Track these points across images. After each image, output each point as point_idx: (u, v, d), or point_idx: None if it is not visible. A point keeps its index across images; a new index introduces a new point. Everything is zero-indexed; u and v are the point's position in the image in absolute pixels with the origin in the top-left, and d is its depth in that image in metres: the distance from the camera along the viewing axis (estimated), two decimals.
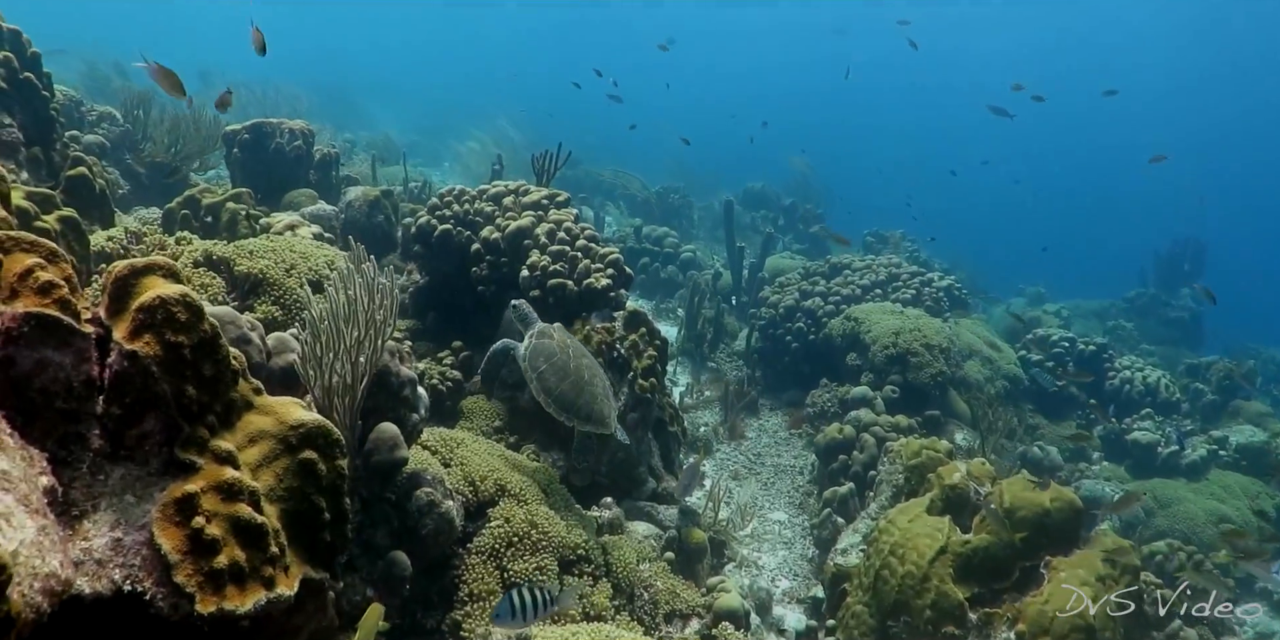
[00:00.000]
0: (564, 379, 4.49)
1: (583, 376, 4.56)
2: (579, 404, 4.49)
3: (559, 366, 4.52)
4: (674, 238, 12.30)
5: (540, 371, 4.51)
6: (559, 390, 4.48)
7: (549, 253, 5.48)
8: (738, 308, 10.69)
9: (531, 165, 7.02)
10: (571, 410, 4.49)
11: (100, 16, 36.96)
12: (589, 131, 27.62)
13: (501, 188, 6.10)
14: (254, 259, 4.14)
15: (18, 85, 4.84)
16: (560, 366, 4.52)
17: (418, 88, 35.22)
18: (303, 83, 23.67)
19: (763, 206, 17.46)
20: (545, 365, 4.52)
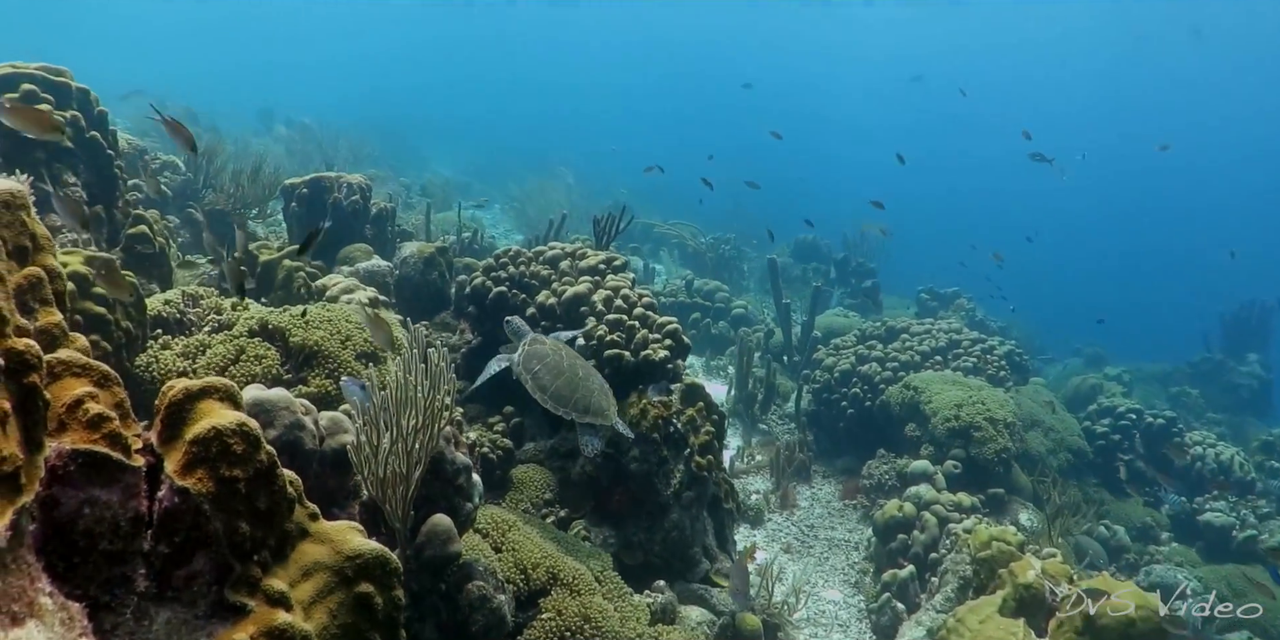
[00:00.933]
0: (558, 377, 4.65)
1: (577, 374, 4.72)
2: (575, 398, 4.64)
3: (552, 366, 4.69)
4: (725, 292, 12.14)
5: (534, 372, 4.67)
6: (554, 387, 4.64)
7: (606, 321, 5.34)
8: (789, 367, 10.46)
9: (593, 227, 6.94)
10: (568, 404, 4.62)
11: (171, 59, 38.13)
12: (643, 173, 27.81)
13: (559, 250, 6.01)
14: (309, 330, 4.05)
15: (83, 144, 4.85)
16: (553, 366, 4.68)
17: (471, 127, 35.74)
18: (360, 122, 24.15)
19: (814, 258, 17.26)
20: (539, 366, 4.69)
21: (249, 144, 16.96)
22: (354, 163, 14.84)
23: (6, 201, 1.99)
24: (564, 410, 4.64)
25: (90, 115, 4.96)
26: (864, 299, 14.95)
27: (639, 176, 27.35)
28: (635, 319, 5.41)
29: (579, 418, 4.66)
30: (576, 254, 5.96)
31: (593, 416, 4.65)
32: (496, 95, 50.87)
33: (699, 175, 14.74)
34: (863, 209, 19.26)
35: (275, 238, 8.80)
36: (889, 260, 17.20)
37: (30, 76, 4.68)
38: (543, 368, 4.68)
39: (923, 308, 14.69)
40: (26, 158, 4.58)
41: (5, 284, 1.76)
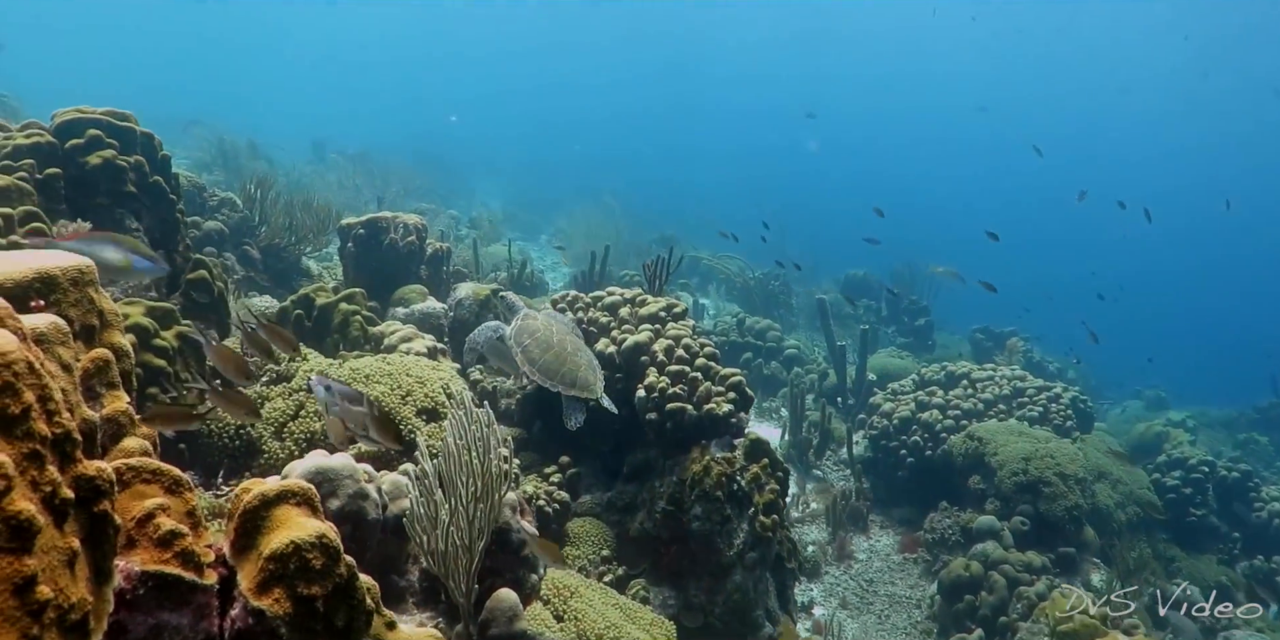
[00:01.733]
0: (547, 351, 4.89)
1: (566, 349, 4.95)
2: (562, 372, 4.86)
3: (542, 341, 4.92)
4: (777, 331, 11.92)
5: (525, 346, 4.89)
6: (543, 360, 4.86)
7: (668, 373, 5.18)
8: (843, 410, 10.20)
9: (642, 271, 6.82)
10: (555, 377, 4.84)
11: (227, 88, 38.96)
12: (693, 203, 27.77)
13: (618, 297, 5.87)
14: (370, 385, 3.94)
15: (146, 189, 4.82)
16: (544, 341, 4.92)
17: (517, 156, 35.97)
18: (406, 150, 24.39)
19: (865, 295, 16.99)
20: (529, 340, 4.92)
21: (302, 175, 17.19)
22: (404, 196, 14.94)
23: (75, 278, 1.89)
24: (551, 383, 4.83)
25: (154, 160, 4.93)
26: (916, 338, 14.67)
27: (684, 205, 27.38)
28: (697, 370, 5.24)
29: (565, 390, 4.85)
30: (636, 300, 5.82)
31: (578, 390, 4.84)
32: (543, 123, 51.33)
33: (742, 204, 14.64)
34: (912, 243, 19.08)
35: (329, 274, 8.79)
36: (938, 297, 16.89)
37: (96, 121, 4.66)
38: (533, 342, 4.89)
39: (977, 348, 14.35)
40: (90, 203, 4.56)
41: (71, 375, 1.64)
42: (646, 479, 5.38)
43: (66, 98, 14.69)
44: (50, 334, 1.62)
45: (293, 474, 2.93)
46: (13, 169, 4.18)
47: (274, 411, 3.81)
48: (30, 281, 1.79)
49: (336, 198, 14.08)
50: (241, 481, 3.90)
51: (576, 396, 4.90)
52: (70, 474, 1.16)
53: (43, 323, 1.62)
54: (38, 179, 4.27)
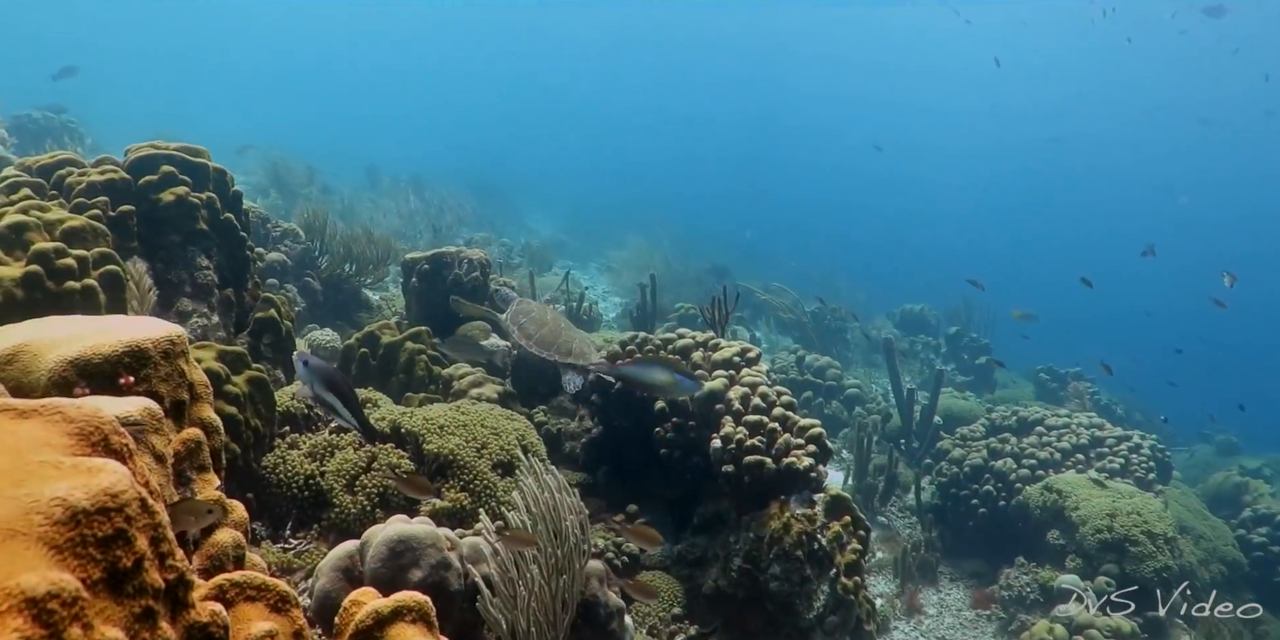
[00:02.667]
0: (542, 327, 5.37)
1: (559, 325, 5.46)
2: (557, 343, 5.31)
3: (536, 319, 5.43)
4: (837, 368, 11.62)
5: (521, 323, 5.38)
6: (538, 334, 5.34)
7: (745, 423, 4.95)
8: (907, 453, 9.85)
9: (701, 314, 6.65)
10: (551, 348, 5.31)
11: (275, 110, 39.68)
12: (742, 230, 27.58)
13: (689, 340, 5.67)
14: (444, 437, 3.76)
15: (217, 226, 4.73)
16: (538, 319, 5.44)
17: (566, 184, 36.08)
18: (458, 176, 24.48)
19: (921, 331, 16.61)
20: (524, 319, 5.43)
21: (356, 202, 17.29)
22: (458, 224, 14.93)
23: (166, 351, 1.73)
24: (547, 353, 5.31)
25: (226, 196, 4.85)
26: (977, 377, 14.27)
27: (735, 233, 27.18)
28: (775, 420, 5.00)
29: (560, 359, 5.33)
30: (709, 344, 5.61)
31: (574, 358, 5.31)
32: (594, 151, 51.63)
33: (797, 232, 14.38)
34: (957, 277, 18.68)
35: (387, 305, 8.71)
36: (997, 334, 16.43)
37: (169, 157, 4.59)
38: (528, 320, 5.39)
39: (1041, 388, 13.89)
40: (162, 240, 4.48)
41: (165, 466, 1.47)
42: (718, 532, 5.15)
43: (124, 124, 15.00)
44: (144, 421, 1.45)
45: (374, 540, 2.76)
46: (85, 207, 4.10)
47: (345, 463, 3.65)
48: (120, 356, 1.63)
49: (393, 225, 14.10)
50: (310, 533, 3.74)
51: (572, 364, 5.33)
52: (183, 622, 0.98)
53: (135, 408, 1.46)
54: (111, 216, 4.19)
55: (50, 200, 4.25)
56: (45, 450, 0.90)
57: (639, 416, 5.56)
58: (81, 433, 0.96)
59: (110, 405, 1.44)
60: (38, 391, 1.56)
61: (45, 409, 0.97)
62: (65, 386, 1.56)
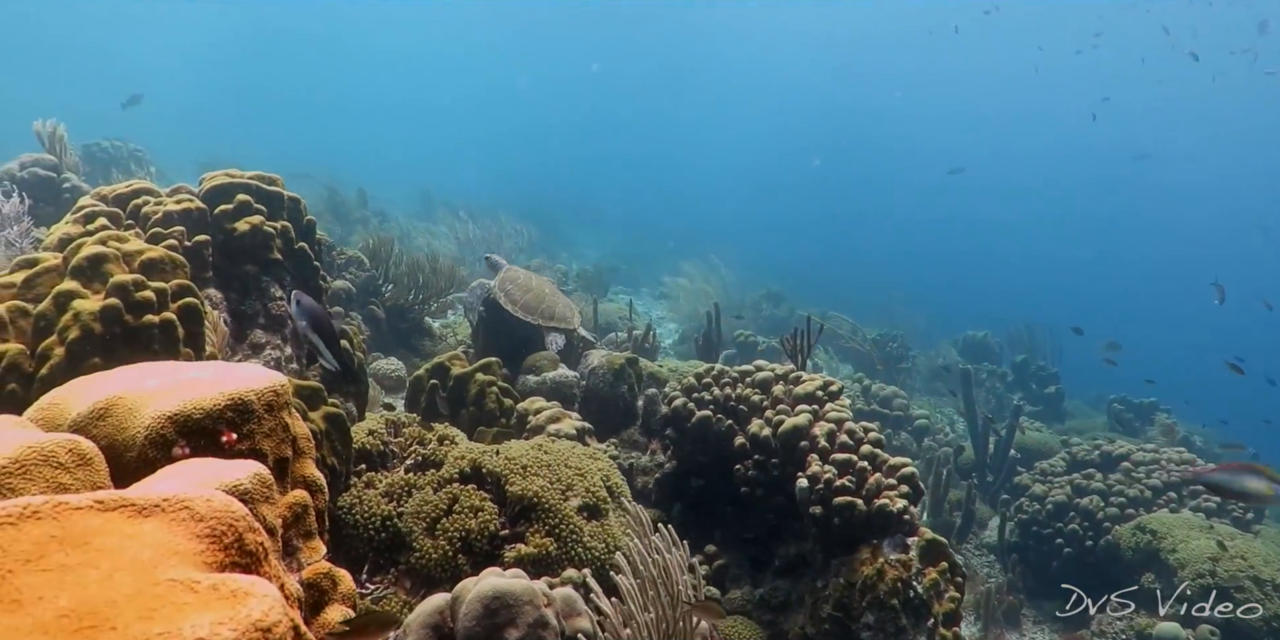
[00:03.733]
0: (527, 293, 5.66)
1: (544, 292, 5.74)
2: (542, 308, 5.65)
3: (522, 285, 5.69)
4: (903, 398, 11.28)
5: (508, 290, 5.65)
6: (524, 300, 5.63)
7: (832, 462, 4.70)
8: (981, 487, 9.47)
9: (782, 346, 6.44)
10: (536, 313, 5.64)
11: (332, 139, 40.39)
12: (802, 259, 27.27)
13: (769, 373, 5.44)
14: (528, 478, 3.57)
15: (291, 255, 4.63)
16: (524, 285, 5.71)
17: (614, 208, 36.06)
18: (509, 201, 24.51)
19: (984, 358, 16.16)
20: (511, 286, 5.68)
21: (413, 228, 17.34)
22: (516, 251, 14.85)
23: (270, 403, 1.56)
24: (532, 318, 5.62)
25: (299, 225, 4.76)
26: (1046, 406, 13.81)
27: (788, 259, 26.89)
28: (864, 458, 4.75)
29: (545, 323, 5.68)
30: (790, 377, 5.38)
31: (557, 321, 5.67)
32: (636, 173, 51.70)
33: (852, 258, 14.03)
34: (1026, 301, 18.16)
35: (451, 335, 8.60)
36: (1064, 362, 15.90)
37: (245, 186, 4.51)
38: (514, 287, 5.65)
39: (1116, 419, 13.35)
40: (236, 270, 4.38)
41: (276, 540, 1.29)
42: (801, 575, 4.90)
43: (186, 151, 15.13)
44: (255, 490, 1.28)
45: (467, 595, 2.57)
46: (162, 237, 4.01)
47: (424, 504, 3.47)
48: (222, 410, 1.46)
49: (450, 251, 14.06)
50: (387, 577, 3.56)
51: (556, 327, 5.69)
52: None
53: (246, 476, 1.28)
54: (186, 246, 4.10)
55: (126, 230, 4.18)
56: (173, 561, 0.72)
57: (717, 452, 5.34)
58: (213, 533, 0.79)
59: (219, 472, 1.27)
60: (133, 451, 1.40)
61: (169, 505, 0.80)
62: (163, 445, 1.39)
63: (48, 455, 1.20)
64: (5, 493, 1.13)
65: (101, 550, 0.68)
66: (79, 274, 3.17)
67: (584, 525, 3.53)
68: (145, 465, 1.39)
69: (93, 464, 1.27)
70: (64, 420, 1.48)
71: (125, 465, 1.40)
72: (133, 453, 1.40)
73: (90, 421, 1.43)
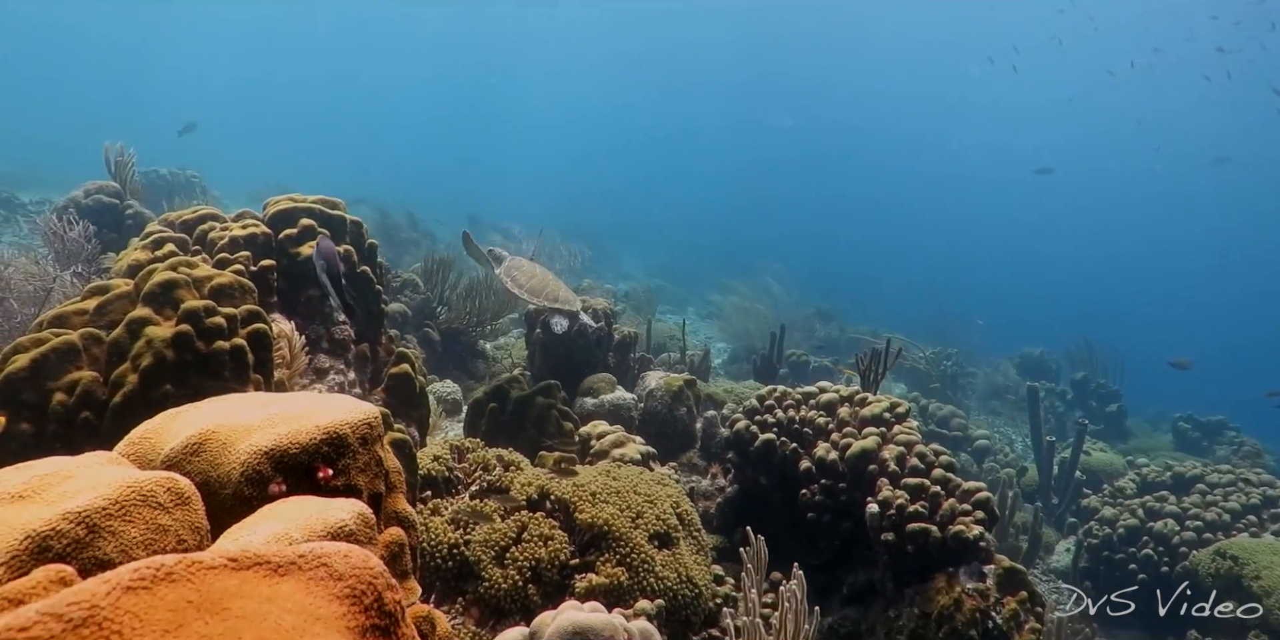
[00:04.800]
0: (532, 278, 5.88)
1: (548, 278, 5.97)
2: (546, 291, 5.85)
3: (527, 272, 5.92)
4: (961, 418, 11.05)
5: (514, 276, 5.86)
6: (529, 284, 5.84)
7: (904, 486, 4.56)
8: (1046, 510, 9.20)
9: (855, 365, 6.29)
10: (540, 295, 5.84)
11: (379, 161, 40.95)
12: (849, 278, 26.98)
13: (833, 395, 5.31)
14: (597, 505, 3.49)
15: (353, 279, 4.62)
16: (528, 272, 5.93)
17: (657, 226, 36.02)
18: (551, 221, 24.57)
19: (1041, 376, 15.81)
20: (517, 272, 5.89)
21: (463, 250, 17.40)
22: (567, 272, 14.85)
23: (365, 436, 1.50)
24: (538, 300, 5.85)
25: (361, 248, 4.76)
26: (1108, 425, 13.44)
27: (838, 275, 26.64)
28: (936, 483, 4.60)
29: (549, 304, 5.88)
30: (855, 399, 5.25)
31: (561, 303, 5.88)
32: (679, 191, 51.72)
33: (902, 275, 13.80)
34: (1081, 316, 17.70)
35: (505, 356, 8.58)
36: (1131, 379, 15.46)
37: (309, 210, 4.52)
38: (520, 273, 5.86)
39: (1182, 439, 12.97)
40: (300, 294, 4.38)
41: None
42: (871, 604, 4.75)
43: (238, 177, 15.38)
44: (359, 532, 1.22)
45: (545, 631, 2.49)
46: (228, 262, 4.03)
47: (493, 533, 3.40)
48: (318, 445, 1.41)
49: None
50: (455, 607, 3.49)
51: (559, 309, 5.93)
52: None
53: (350, 516, 1.23)
54: (252, 271, 4.11)
55: (193, 255, 4.20)
56: (318, 629, 0.66)
57: (781, 476, 5.22)
58: (353, 594, 0.72)
59: (322, 512, 1.21)
60: (229, 488, 1.34)
61: (305, 563, 0.74)
62: (260, 482, 1.34)
63: (147, 495, 1.16)
64: (106, 535, 1.09)
65: (242, 617, 0.62)
66: (151, 300, 3.17)
67: (655, 554, 3.44)
68: (241, 503, 1.34)
69: (190, 503, 1.23)
70: (156, 455, 1.44)
71: (220, 503, 1.35)
72: (228, 490, 1.35)
73: (184, 457, 1.39)
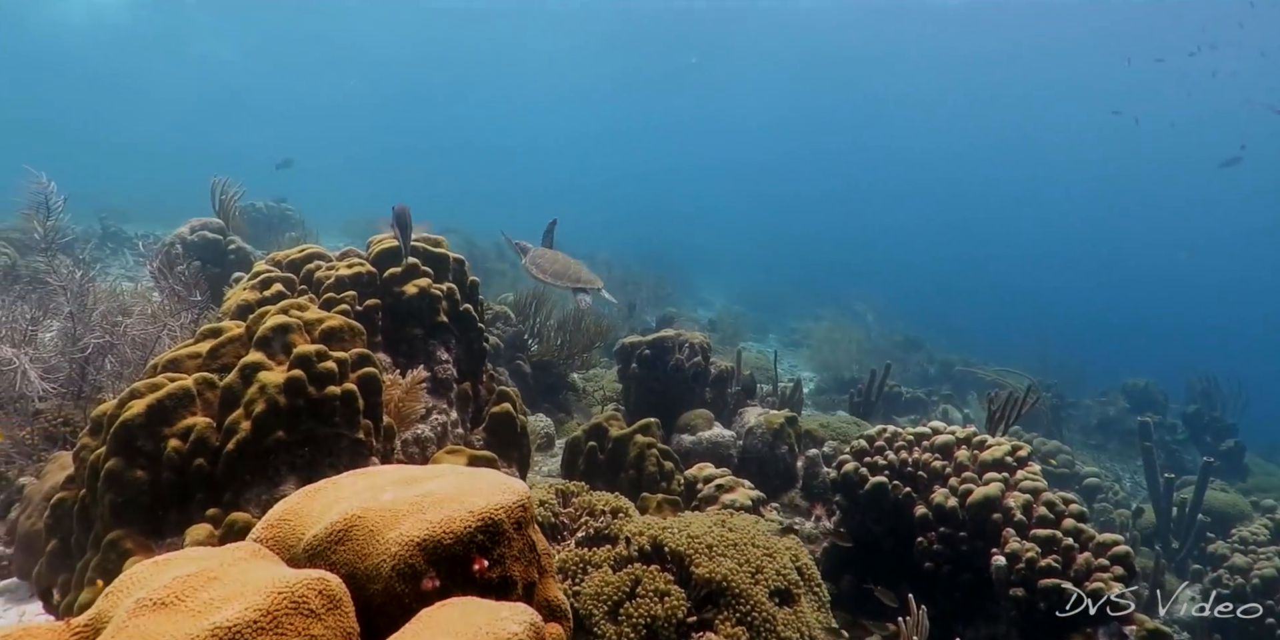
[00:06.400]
0: (555, 262, 6.26)
1: (568, 262, 6.31)
2: (569, 274, 6.21)
3: (550, 258, 6.29)
4: (1067, 454, 10.55)
5: (538, 263, 6.26)
6: (552, 268, 6.22)
7: (1033, 538, 4.27)
8: (1165, 554, 8.65)
9: (984, 405, 6.00)
10: (564, 278, 6.21)
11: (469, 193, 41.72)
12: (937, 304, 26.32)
13: (949, 436, 5.04)
14: (714, 559, 3.30)
15: (456, 318, 4.55)
16: (551, 258, 6.30)
17: (736, 252, 35.78)
18: (630, 248, 24.53)
19: (1148, 408, 15.06)
20: (540, 259, 6.29)
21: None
22: (651, 302, 14.79)
23: (519, 520, 1.36)
24: (561, 282, 6.23)
25: (464, 286, 4.70)
26: (1224, 462, 12.69)
27: (929, 303, 26.00)
28: (1068, 534, 4.30)
29: (572, 285, 6.23)
30: (973, 441, 4.97)
31: (584, 283, 6.20)
32: (763, 218, 51.42)
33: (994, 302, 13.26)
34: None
35: (594, 389, 8.47)
36: (1246, 413, 14.61)
37: (412, 249, 4.47)
38: (544, 260, 6.25)
39: None
40: (404, 333, 4.31)
41: None
42: None
43: (331, 208, 15.68)
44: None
45: None
46: (334, 302, 3.99)
47: (605, 586, 3.23)
48: (473, 533, 1.27)
49: (582, 300, 14.03)
50: None
51: (583, 288, 6.21)
52: None
53: (521, 627, 1.08)
54: (358, 311, 4.06)
55: (300, 295, 4.18)
56: None
57: (893, 522, 4.96)
58: None
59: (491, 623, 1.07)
60: (378, 582, 1.21)
61: None
62: (412, 577, 1.21)
63: (298, 602, 1.03)
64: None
65: None
66: (264, 345, 3.12)
67: (777, 612, 3.23)
68: (391, 600, 1.21)
69: (341, 606, 1.10)
70: (297, 540, 1.32)
71: (368, 598, 1.22)
72: (377, 585, 1.22)
73: (328, 546, 1.26)
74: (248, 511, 2.87)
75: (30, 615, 3.53)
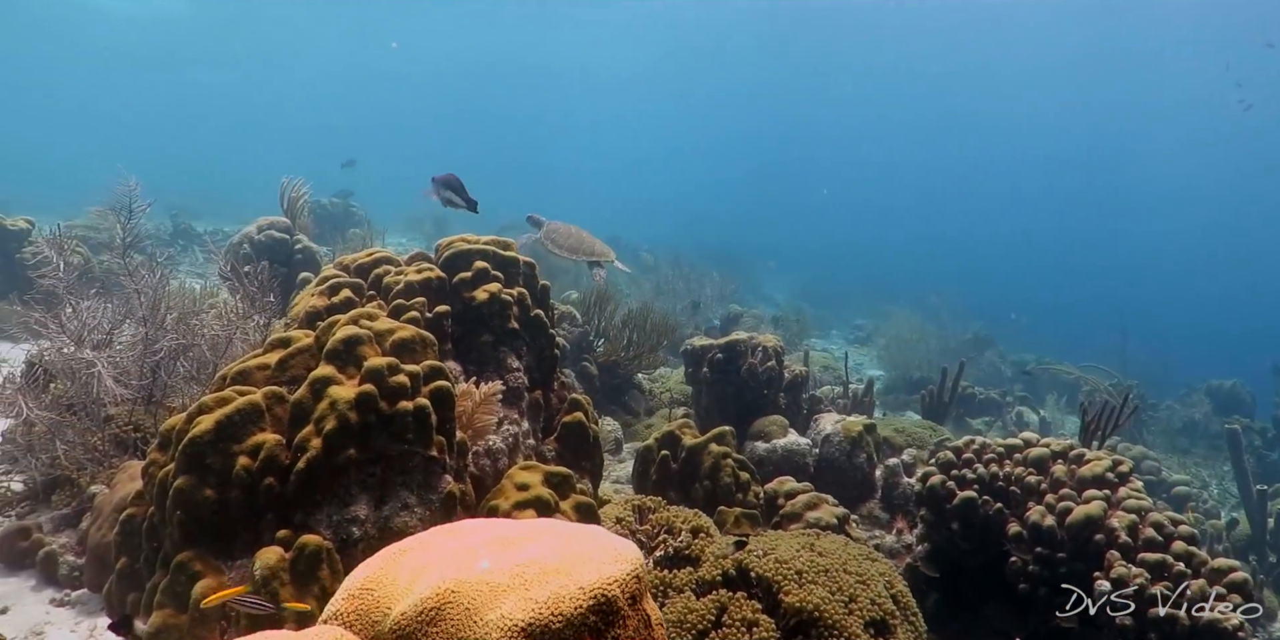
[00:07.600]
0: (569, 237, 6.28)
1: (584, 236, 6.34)
2: (582, 247, 6.26)
3: (564, 232, 6.32)
4: (1153, 460, 10.08)
5: (553, 237, 6.30)
6: (567, 243, 6.26)
7: (1142, 563, 3.98)
8: (1262, 568, 8.21)
9: (1080, 416, 5.70)
10: (579, 252, 6.25)
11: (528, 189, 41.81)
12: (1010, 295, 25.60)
13: (1044, 450, 4.75)
14: (805, 587, 3.10)
15: (527, 324, 4.40)
16: (565, 233, 6.32)
17: (799, 248, 35.29)
18: (692, 245, 24.24)
19: (1234, 411, 14.41)
20: (555, 234, 6.32)
21: (613, 275, 17.33)
22: (716, 300, 14.57)
23: (634, 594, 1.19)
24: (576, 256, 6.26)
25: (534, 291, 4.54)
26: None
27: (993, 299, 25.33)
28: (1178, 558, 4.00)
29: (587, 258, 6.27)
30: (1071, 454, 4.67)
31: (598, 256, 6.26)
32: (830, 215, 50.78)
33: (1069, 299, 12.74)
34: None
35: (660, 390, 8.29)
36: None
37: (482, 253, 4.34)
38: (558, 235, 6.29)
39: None
40: (474, 340, 4.18)
41: None
42: None
43: (394, 203, 15.68)
44: None
45: None
46: (404, 309, 3.86)
47: (688, 613, 3.05)
48: (584, 615, 1.10)
49: (644, 296, 13.90)
50: None
51: (598, 261, 6.29)
52: None
53: None
54: (428, 318, 3.93)
55: (368, 301, 4.06)
56: None
57: (982, 539, 4.69)
58: None
59: None
60: None
61: None
62: None
63: None
64: None
65: None
66: (334, 358, 2.99)
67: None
68: None
69: None
70: (382, 615, 1.16)
71: None
72: None
73: (419, 626, 1.10)
74: (319, 533, 2.75)
75: (101, 630, 3.47)
